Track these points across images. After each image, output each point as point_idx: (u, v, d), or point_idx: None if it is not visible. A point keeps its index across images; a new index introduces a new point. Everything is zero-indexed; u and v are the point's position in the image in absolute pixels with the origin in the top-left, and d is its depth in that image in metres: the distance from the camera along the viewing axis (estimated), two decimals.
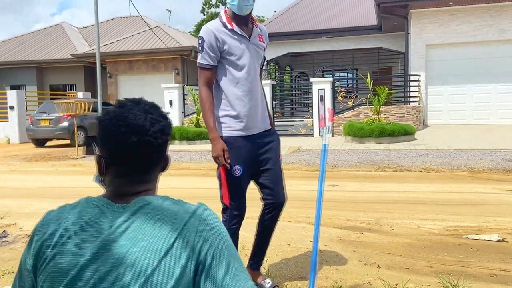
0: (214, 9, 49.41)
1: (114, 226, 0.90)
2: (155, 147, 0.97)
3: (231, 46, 2.47)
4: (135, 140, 0.94)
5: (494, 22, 13.77)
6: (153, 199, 0.95)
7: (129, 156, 0.96)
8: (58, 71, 21.18)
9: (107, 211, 0.93)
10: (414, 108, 13.39)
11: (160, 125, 0.99)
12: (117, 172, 0.98)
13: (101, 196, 0.98)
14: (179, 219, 0.92)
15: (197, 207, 0.97)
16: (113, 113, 0.98)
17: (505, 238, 3.79)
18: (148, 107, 1.00)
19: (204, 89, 2.50)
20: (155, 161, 1.01)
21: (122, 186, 0.98)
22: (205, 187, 6.74)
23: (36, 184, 7.38)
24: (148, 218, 0.90)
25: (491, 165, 7.58)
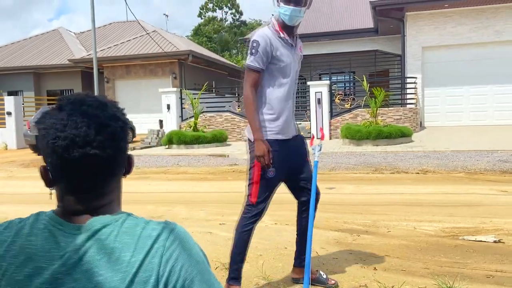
0: (211, 13, 49.55)
1: (66, 255, 0.77)
2: (105, 159, 0.80)
3: (281, 53, 2.63)
4: (78, 155, 0.78)
5: (489, 24, 13.85)
6: (110, 221, 0.80)
7: (74, 172, 0.80)
8: (55, 77, 21.19)
9: (59, 234, 0.79)
10: (411, 110, 13.43)
11: (109, 131, 0.80)
12: (65, 188, 0.83)
13: (53, 214, 0.83)
14: (139, 247, 0.76)
15: (162, 229, 0.80)
16: (50, 120, 0.81)
17: (502, 239, 3.81)
18: (92, 108, 0.81)
19: (251, 90, 2.61)
20: (110, 172, 0.83)
21: (73, 203, 0.83)
22: (203, 191, 6.75)
23: (34, 190, 7.37)
24: (104, 246, 0.77)
25: (487, 166, 7.61)
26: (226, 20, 50.19)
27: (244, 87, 2.65)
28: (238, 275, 2.73)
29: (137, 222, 0.81)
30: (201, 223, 4.68)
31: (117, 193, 0.87)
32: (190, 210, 5.35)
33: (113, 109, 0.85)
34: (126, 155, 0.88)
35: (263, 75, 2.63)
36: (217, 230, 4.33)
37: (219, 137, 12.97)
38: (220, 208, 5.42)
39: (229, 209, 5.31)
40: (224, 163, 9.58)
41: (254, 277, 3.11)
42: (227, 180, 7.68)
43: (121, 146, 0.84)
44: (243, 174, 8.22)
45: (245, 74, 2.65)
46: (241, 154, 10.93)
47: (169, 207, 5.54)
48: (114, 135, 0.81)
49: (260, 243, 3.89)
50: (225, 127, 14.65)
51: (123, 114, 0.87)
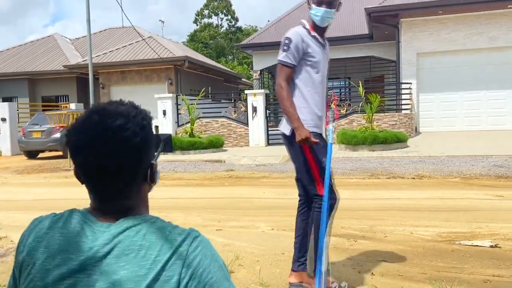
0: (207, 19, 49.71)
1: (94, 248, 0.82)
2: (116, 167, 0.85)
3: (313, 49, 2.72)
4: (89, 162, 0.85)
5: (483, 30, 13.97)
6: (139, 221, 0.86)
7: (90, 177, 0.88)
8: (50, 83, 21.12)
9: (88, 229, 0.85)
10: (406, 115, 13.49)
11: (112, 142, 0.85)
12: (90, 189, 0.90)
13: (86, 211, 0.90)
14: (165, 249, 0.82)
15: (187, 235, 0.86)
16: (73, 126, 0.89)
17: (498, 243, 3.81)
18: (106, 118, 0.87)
19: (285, 84, 2.68)
20: (127, 179, 0.88)
21: (99, 202, 0.90)
22: (199, 197, 6.72)
23: (28, 196, 7.31)
24: (132, 243, 0.82)
25: (483, 171, 7.64)
26: (222, 26, 50.37)
27: (277, 81, 2.73)
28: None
29: (165, 225, 0.88)
30: (198, 229, 4.61)
31: (141, 199, 0.93)
32: (187, 216, 5.33)
33: (129, 118, 0.88)
34: (147, 164, 0.91)
35: (296, 71, 2.72)
36: (214, 236, 4.31)
37: (216, 143, 12.96)
38: (216, 214, 5.40)
39: (225, 215, 5.29)
40: (221, 168, 9.57)
41: (251, 283, 3.09)
42: (223, 185, 7.66)
43: (133, 154, 0.87)
44: (240, 179, 8.21)
45: (278, 69, 2.73)
46: (238, 159, 10.92)
47: (165, 213, 5.51)
48: (124, 144, 0.85)
49: (257, 248, 3.87)
50: (221, 133, 14.64)
51: (139, 123, 0.89)
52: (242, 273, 3.29)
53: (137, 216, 0.88)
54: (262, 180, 8.04)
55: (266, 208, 5.61)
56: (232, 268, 3.36)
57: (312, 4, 2.74)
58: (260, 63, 19.80)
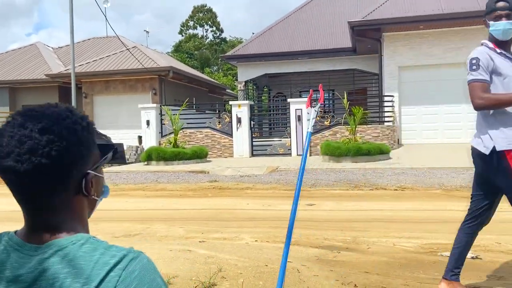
0: (192, 30, 49.83)
1: (20, 278, 0.75)
2: (33, 170, 0.75)
3: (501, 66, 2.63)
4: (5, 164, 0.76)
5: (463, 45, 14.33)
6: (67, 244, 0.76)
7: (9, 185, 0.79)
8: (32, 92, 20.78)
9: (15, 255, 0.77)
10: (388, 128, 13.68)
11: (29, 144, 0.76)
12: (16, 198, 0.81)
13: (13, 234, 0.82)
14: (94, 274, 0.72)
15: (122, 257, 0.75)
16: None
17: (479, 255, 3.86)
18: (23, 119, 0.79)
19: (485, 95, 2.55)
20: (45, 187, 0.78)
21: (26, 216, 0.81)
22: (182, 208, 6.65)
23: (8, 207, 7.12)
24: (57, 271, 0.73)
25: (463, 183, 7.76)
26: (206, 38, 50.53)
27: (473, 100, 2.59)
28: None
29: (96, 247, 0.76)
30: (180, 240, 4.60)
31: (74, 214, 0.82)
32: (169, 227, 5.26)
33: (48, 121, 0.79)
34: (79, 172, 0.81)
35: (489, 88, 2.61)
36: (197, 248, 4.25)
37: (199, 154, 12.90)
38: (199, 225, 5.34)
39: (209, 227, 5.24)
40: (204, 179, 9.50)
41: None
42: (207, 196, 7.60)
43: (56, 160, 0.77)
44: (224, 190, 8.16)
45: (470, 90, 2.61)
46: (222, 170, 10.87)
47: (147, 224, 5.43)
48: (32, 149, 0.75)
49: (240, 260, 3.83)
50: (205, 143, 14.58)
51: (69, 127, 0.79)
52: (225, 286, 3.25)
53: (66, 238, 0.78)
54: (246, 191, 8.01)
55: (249, 220, 5.58)
56: (215, 280, 3.32)
57: (489, 21, 2.67)
58: (244, 74, 19.88)
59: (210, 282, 3.24)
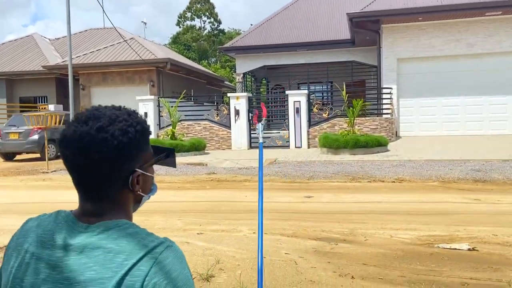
0: (190, 22, 49.51)
1: (70, 247, 0.86)
2: (87, 163, 0.87)
3: None
4: (66, 153, 0.89)
5: (461, 37, 14.28)
6: (112, 225, 0.88)
7: (69, 171, 0.91)
8: (29, 83, 20.67)
9: (67, 229, 0.89)
10: (386, 120, 13.67)
11: (87, 140, 0.87)
12: (74, 183, 0.93)
13: (70, 212, 0.94)
14: (134, 253, 0.83)
15: (158, 244, 0.86)
16: (68, 127, 0.92)
17: (475, 247, 3.88)
18: (91, 117, 0.91)
19: None
20: (102, 178, 0.89)
21: (80, 201, 0.93)
22: (180, 200, 6.66)
23: (4, 199, 7.12)
24: (103, 245, 0.84)
25: (460, 175, 7.78)
26: (204, 29, 50.23)
27: None
28: None
29: (138, 232, 0.88)
30: (178, 232, 4.61)
31: (119, 205, 0.93)
32: (167, 219, 5.27)
33: (113, 121, 0.90)
34: (127, 170, 0.91)
35: None
36: (195, 240, 4.27)
37: (198, 146, 12.89)
38: (197, 217, 5.35)
39: (207, 219, 5.25)
40: (202, 171, 9.51)
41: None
42: (205, 189, 7.61)
43: (108, 157, 0.87)
44: (222, 183, 8.17)
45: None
46: (220, 162, 10.87)
47: (145, 216, 5.43)
48: (99, 145, 0.87)
49: (237, 252, 3.85)
50: (203, 136, 14.56)
51: (122, 128, 0.89)
52: (223, 278, 3.27)
53: (113, 221, 0.89)
54: (244, 184, 8.02)
55: (247, 212, 5.59)
56: (213, 272, 3.33)
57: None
58: (243, 66, 19.80)
59: (208, 273, 3.26)
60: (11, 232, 4.80)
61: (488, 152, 10.20)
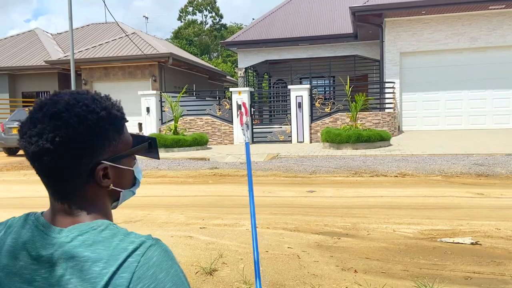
0: (191, 16, 49.34)
1: (43, 259, 0.78)
2: (39, 153, 0.78)
3: None
4: (21, 143, 0.81)
5: (465, 31, 14.19)
6: (86, 229, 0.78)
7: (29, 162, 0.82)
8: (31, 78, 20.68)
9: (39, 235, 0.80)
10: (389, 114, 13.63)
11: (38, 128, 0.78)
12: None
13: (40, 214, 0.85)
14: (112, 259, 0.74)
15: (140, 244, 0.76)
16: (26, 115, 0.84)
17: (478, 241, 3.88)
18: (47, 102, 0.81)
19: None
20: (59, 170, 0.80)
21: (50, 198, 0.84)
22: (182, 195, 6.67)
23: (7, 194, 7.15)
24: (77, 254, 0.75)
25: (463, 170, 7.76)
26: (206, 23, 50.07)
27: None
28: None
29: (116, 233, 0.78)
30: (181, 227, 4.62)
31: (88, 202, 0.83)
32: (170, 214, 5.28)
33: (61, 107, 0.79)
34: (89, 161, 0.81)
35: None
36: (198, 234, 4.27)
37: (200, 141, 12.89)
38: (200, 212, 5.36)
39: (209, 213, 5.26)
40: (205, 166, 9.51)
41: (235, 282, 3.07)
42: (207, 183, 7.62)
43: (61, 145, 0.78)
44: (224, 177, 8.18)
45: None
46: (222, 157, 10.88)
47: (148, 211, 5.45)
48: (41, 132, 0.77)
49: (240, 246, 3.86)
50: (205, 130, 14.56)
51: (80, 114, 0.79)
52: (226, 272, 3.27)
53: (87, 223, 0.80)
54: (246, 178, 8.01)
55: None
56: (216, 266, 3.34)
57: None
58: (245, 60, 19.74)
59: (211, 267, 3.26)
60: None
61: (491, 146, 10.17)
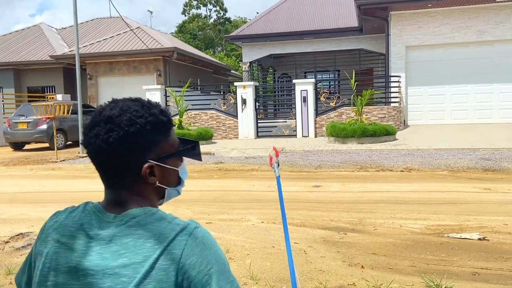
0: (196, 10, 49.18)
1: (99, 236, 0.89)
2: (96, 151, 0.92)
3: None
4: (84, 140, 0.94)
5: (471, 24, 14.05)
6: (139, 213, 0.91)
7: (89, 158, 0.96)
8: (36, 73, 20.73)
9: (98, 219, 0.92)
10: (395, 108, 13.55)
11: (96, 130, 0.91)
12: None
13: (97, 203, 0.97)
14: (164, 237, 0.86)
15: (186, 225, 0.90)
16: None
17: (486, 236, 3.85)
18: (105, 107, 0.95)
19: None
20: (113, 167, 0.92)
21: (105, 190, 0.96)
22: (188, 189, 6.66)
23: (14, 188, 7.19)
24: (132, 232, 0.87)
25: (470, 164, 7.71)
26: (210, 18, 49.91)
27: None
28: None
29: (165, 217, 0.91)
30: None
31: (136, 195, 0.94)
32: (175, 208, 5.29)
33: (123, 112, 0.92)
34: (136, 160, 0.92)
35: None
36: None
37: (205, 135, 12.89)
38: (206, 206, 5.37)
39: (215, 208, 5.27)
40: (210, 161, 9.52)
41: (242, 277, 3.07)
42: (213, 178, 7.62)
43: (115, 146, 0.90)
44: (229, 172, 8.18)
45: None
46: (227, 152, 10.87)
47: None
48: (98, 134, 0.90)
49: (247, 242, 3.85)
50: (210, 125, 14.56)
51: (130, 120, 0.91)
52: (232, 267, 3.27)
53: (140, 209, 0.92)
54: (251, 173, 8.02)
55: (255, 201, 5.59)
56: None
57: None
58: (249, 55, 19.67)
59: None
60: (23, 221, 4.84)
61: (498, 141, 10.09)
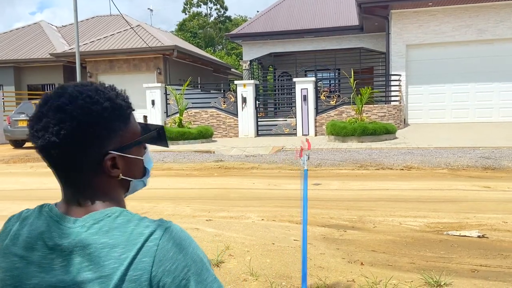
0: (196, 8, 49.15)
1: (59, 248, 0.78)
2: (46, 146, 0.79)
3: None
4: (30, 137, 0.82)
5: (472, 23, 14.05)
6: (101, 217, 0.79)
7: (46, 161, 0.84)
8: (36, 71, 20.73)
9: (55, 227, 0.80)
10: (395, 107, 13.56)
11: (44, 122, 0.79)
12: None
13: (54, 205, 0.85)
14: (131, 244, 0.75)
15: (156, 227, 0.78)
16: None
17: (485, 234, 3.86)
18: (52, 96, 0.82)
19: None
20: (68, 162, 0.81)
21: (62, 189, 0.85)
22: (188, 187, 6.69)
23: (14, 186, 7.21)
24: (95, 241, 0.76)
25: (470, 163, 7.72)
26: (210, 16, 49.88)
27: None
28: None
29: (130, 219, 0.79)
30: (187, 219, 4.64)
31: (101, 191, 0.84)
32: (176, 206, 5.30)
33: (64, 100, 0.79)
34: (97, 151, 0.81)
35: None
36: (204, 226, 4.29)
37: (205, 133, 12.90)
38: (206, 204, 5.38)
39: (215, 206, 5.28)
40: (210, 159, 9.53)
41: (242, 273, 3.09)
42: (213, 176, 7.63)
43: (68, 136, 0.78)
44: (229, 170, 8.19)
45: None
46: (227, 150, 10.88)
47: (154, 203, 5.47)
48: (47, 127, 0.78)
49: (247, 239, 3.87)
50: (210, 123, 14.57)
51: (83, 105, 0.79)
52: (233, 264, 3.29)
53: (101, 211, 0.80)
54: (251, 171, 8.03)
55: (255, 199, 5.60)
56: (222, 258, 3.35)
57: None
58: (249, 53, 19.67)
59: (218, 259, 3.28)
60: None
61: (498, 140, 10.10)
